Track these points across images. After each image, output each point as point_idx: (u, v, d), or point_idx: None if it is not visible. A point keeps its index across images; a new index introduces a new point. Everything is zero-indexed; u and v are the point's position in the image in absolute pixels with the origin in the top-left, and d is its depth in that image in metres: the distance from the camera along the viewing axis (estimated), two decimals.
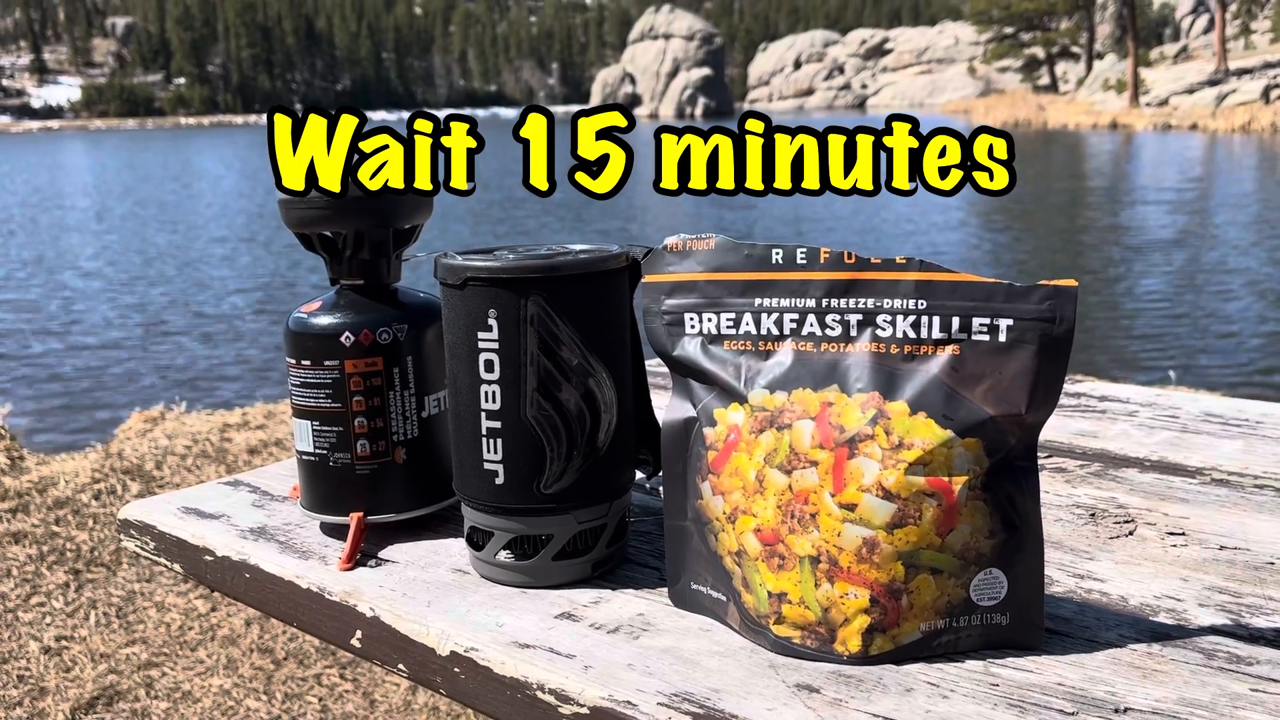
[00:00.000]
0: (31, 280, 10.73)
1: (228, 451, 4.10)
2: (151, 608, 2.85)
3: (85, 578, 3.04)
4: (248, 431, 4.35)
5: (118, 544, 3.26)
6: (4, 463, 3.85)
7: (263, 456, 4.05)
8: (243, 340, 7.69)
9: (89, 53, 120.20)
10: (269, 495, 0.95)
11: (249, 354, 7.25)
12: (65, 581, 3.00)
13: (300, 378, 0.82)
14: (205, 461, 3.99)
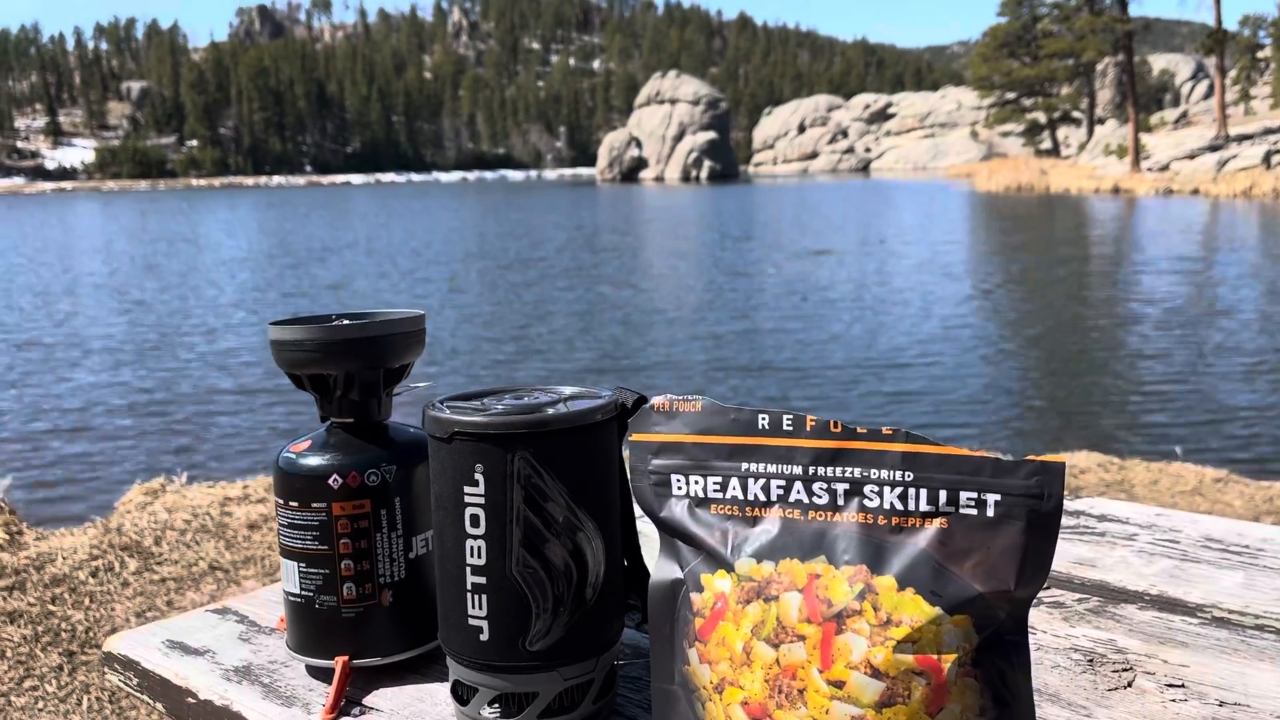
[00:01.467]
0: (32, 348, 10.79)
1: (227, 526, 4.08)
2: None
3: (79, 660, 3.00)
4: (248, 505, 4.33)
5: (112, 624, 3.23)
6: (3, 538, 3.83)
7: (262, 532, 4.03)
8: (245, 412, 7.69)
9: (104, 115, 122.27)
10: (256, 626, 0.94)
11: (251, 425, 7.25)
12: (59, 664, 2.97)
13: (288, 519, 0.81)
14: (205, 537, 3.97)
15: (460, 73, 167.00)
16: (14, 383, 8.78)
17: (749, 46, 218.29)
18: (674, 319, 11.67)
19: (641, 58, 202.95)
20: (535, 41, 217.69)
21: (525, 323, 11.42)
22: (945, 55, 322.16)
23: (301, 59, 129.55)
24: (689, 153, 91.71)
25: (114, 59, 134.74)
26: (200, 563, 3.70)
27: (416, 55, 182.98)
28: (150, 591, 3.47)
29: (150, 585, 3.51)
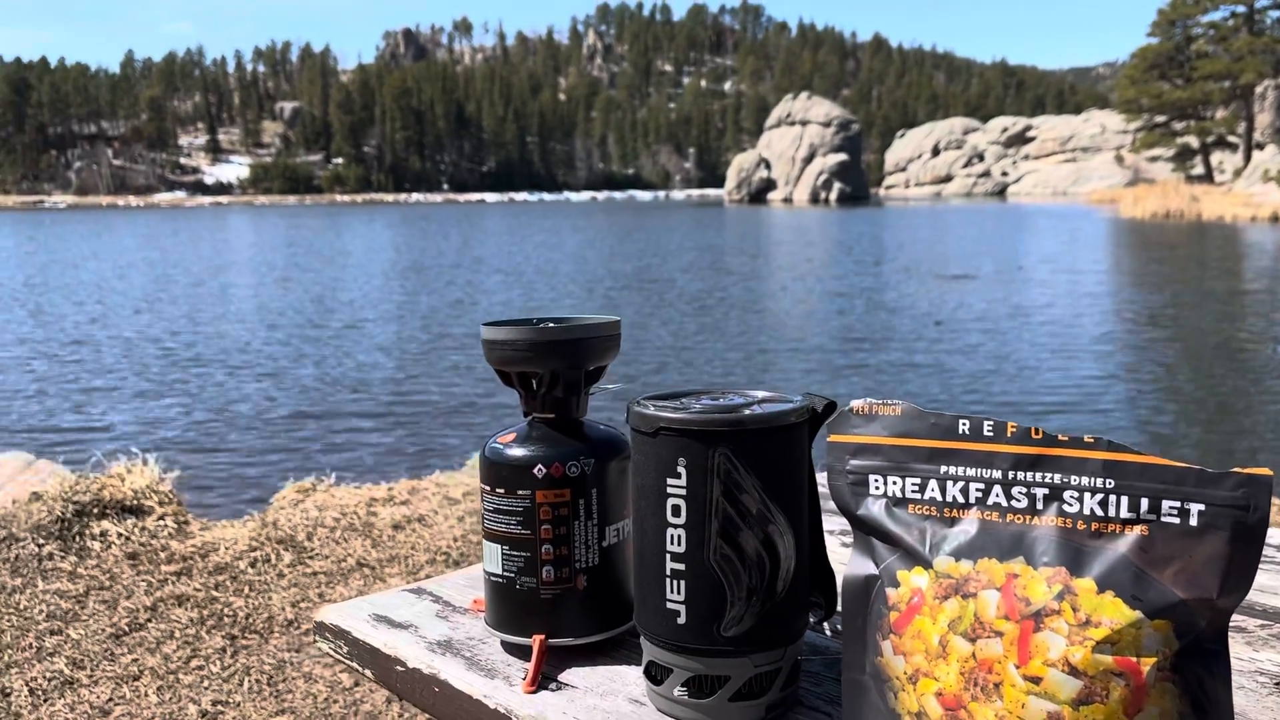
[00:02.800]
0: (198, 346, 11.47)
1: (373, 526, 4.26)
2: (300, 678, 2.97)
3: (240, 644, 3.19)
4: (393, 507, 4.51)
5: (269, 612, 3.42)
6: (172, 527, 4.10)
7: (405, 532, 4.19)
8: (389, 418, 8.00)
9: (259, 134, 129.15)
10: (451, 606, 1.01)
11: (393, 430, 7.54)
12: (222, 646, 3.16)
13: (494, 504, 0.88)
14: (352, 535, 4.16)
15: (593, 94, 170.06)
16: (180, 382, 9.36)
17: (883, 68, 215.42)
18: (802, 342, 11.60)
19: (773, 79, 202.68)
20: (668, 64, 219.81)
21: (656, 342, 11.53)
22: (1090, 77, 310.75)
23: (442, 80, 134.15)
24: (819, 174, 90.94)
25: (270, 80, 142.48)
26: (349, 559, 3.88)
27: (552, 77, 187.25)
28: (303, 583, 3.65)
29: (303, 577, 3.70)
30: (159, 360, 10.60)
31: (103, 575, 3.66)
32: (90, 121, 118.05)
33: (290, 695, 2.87)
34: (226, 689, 2.90)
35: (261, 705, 2.81)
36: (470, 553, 3.96)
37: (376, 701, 2.82)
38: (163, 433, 7.39)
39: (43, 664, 3.00)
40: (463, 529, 4.22)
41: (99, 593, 3.51)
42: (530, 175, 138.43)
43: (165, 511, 4.23)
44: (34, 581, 3.57)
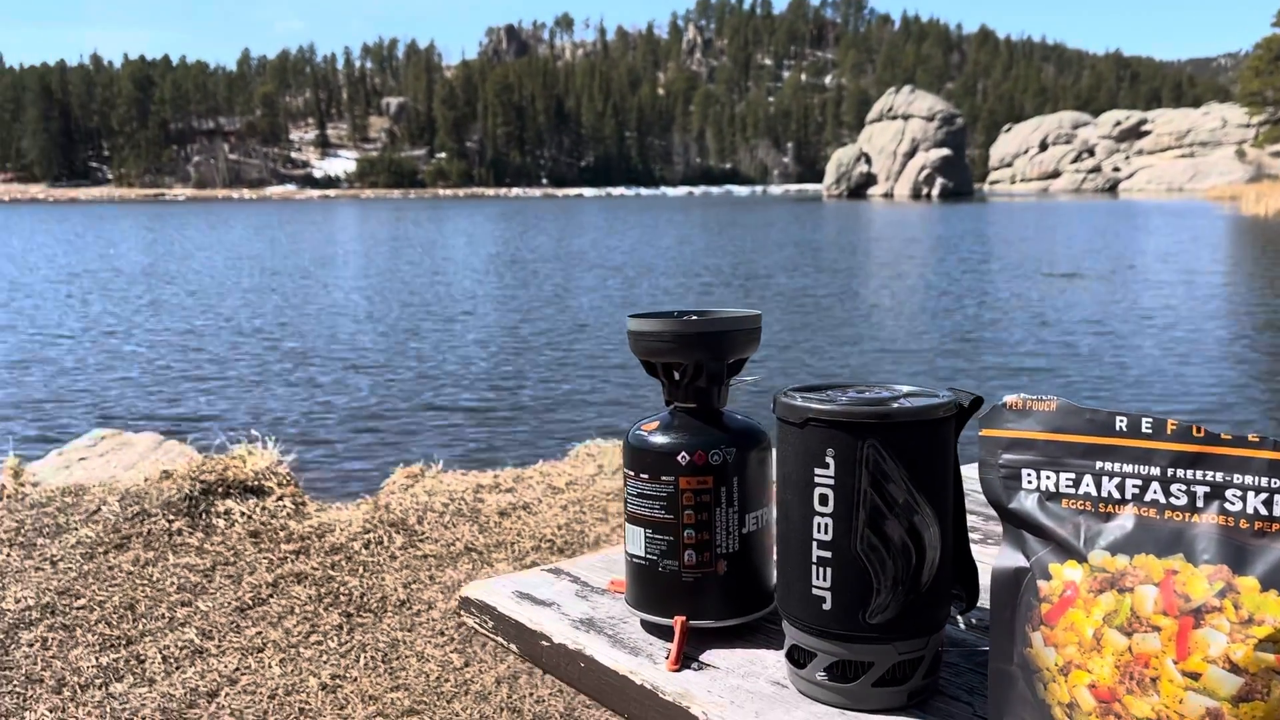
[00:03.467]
0: (307, 336, 11.88)
1: (480, 512, 4.36)
2: (412, 656, 3.07)
3: (356, 621, 3.31)
4: (498, 494, 4.61)
5: (382, 592, 3.54)
6: (290, 508, 4.27)
7: (511, 519, 4.29)
8: (489, 407, 8.16)
9: (365, 129, 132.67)
10: (589, 586, 1.04)
11: (494, 418, 7.69)
12: (339, 623, 3.29)
13: (638, 489, 0.91)
14: (460, 520, 4.27)
15: (692, 89, 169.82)
16: (289, 370, 9.71)
17: (989, 60, 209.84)
18: (907, 342, 11.42)
19: (875, 73, 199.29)
20: (767, 57, 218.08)
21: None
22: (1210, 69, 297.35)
23: (543, 76, 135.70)
24: (920, 169, 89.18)
25: (377, 77, 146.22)
26: (457, 543, 3.98)
27: (651, 72, 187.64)
28: (414, 565, 3.77)
29: (414, 560, 3.82)
30: (270, 349, 11.01)
31: (227, 551, 3.83)
32: (208, 117, 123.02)
33: (404, 672, 2.97)
34: (344, 664, 3.01)
35: (377, 681, 2.91)
36: (574, 540, 4.03)
37: (486, 682, 2.90)
38: (276, 418, 7.68)
39: (174, 633, 3.17)
40: (566, 517, 4.29)
41: (224, 568, 3.68)
42: (627, 170, 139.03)
43: (284, 493, 4.41)
44: (165, 555, 3.76)
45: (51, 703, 2.72)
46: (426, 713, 2.75)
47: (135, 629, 3.19)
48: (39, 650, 3.02)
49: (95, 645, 3.07)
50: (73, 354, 10.73)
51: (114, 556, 3.73)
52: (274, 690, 2.84)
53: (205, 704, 2.75)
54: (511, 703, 2.79)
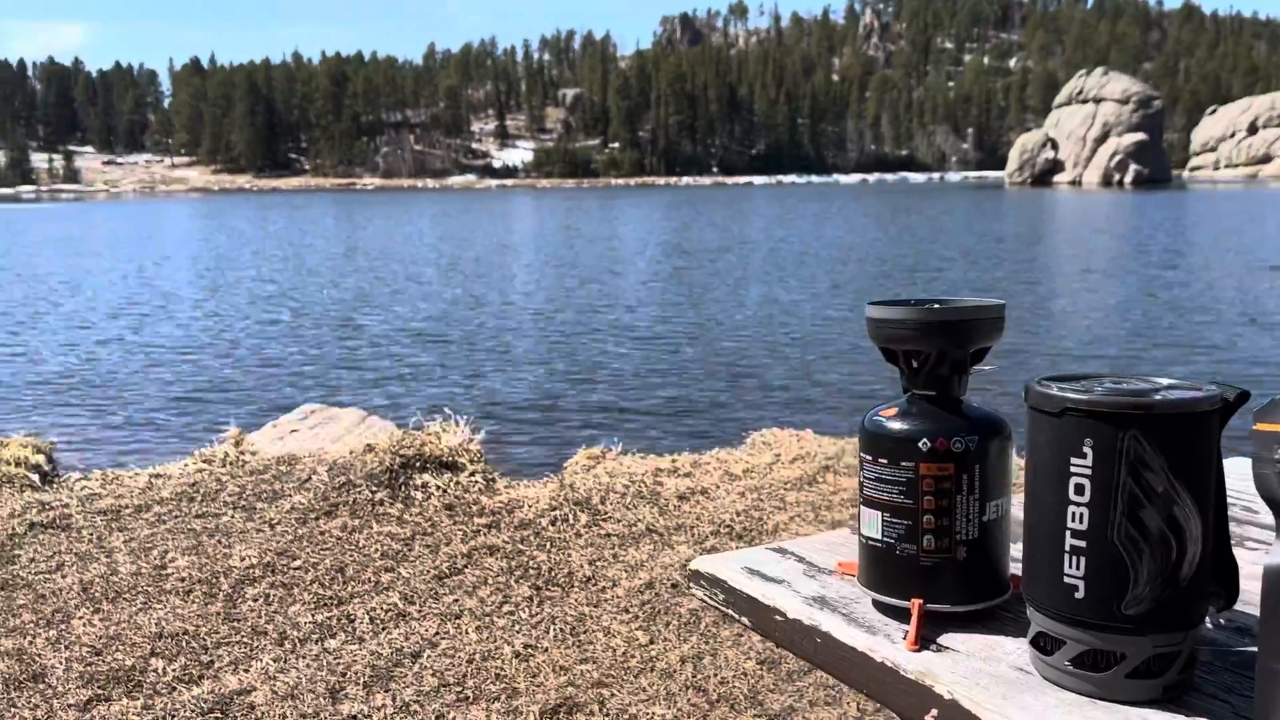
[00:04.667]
0: (488, 320, 12.34)
1: (660, 495, 4.45)
2: (599, 631, 3.18)
3: (544, 595, 3.45)
4: (677, 478, 4.69)
5: (569, 567, 3.67)
6: (481, 484, 4.47)
7: (690, 503, 4.35)
8: (667, 390, 8.28)
9: (542, 120, 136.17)
10: (815, 566, 1.07)
11: (676, 403, 7.80)
12: (529, 595, 3.43)
13: (875, 473, 0.93)
14: (640, 502, 4.37)
15: (868, 74, 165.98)
16: (473, 351, 10.13)
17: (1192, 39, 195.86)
18: (1101, 339, 10.86)
19: (1064, 54, 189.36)
20: (948, 41, 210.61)
21: None
22: None
23: (716, 64, 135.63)
24: (1112, 155, 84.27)
25: (554, 68, 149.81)
26: (639, 524, 4.08)
27: (825, 58, 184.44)
28: (598, 544, 3.88)
29: (598, 538, 3.93)
30: (458, 334, 11.50)
31: (425, 522, 4.06)
32: (396, 110, 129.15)
33: (591, 646, 3.08)
34: (535, 634, 3.15)
35: (566, 652, 3.03)
36: (753, 528, 4.05)
37: (671, 660, 2.97)
38: (465, 398, 8.03)
39: (380, 596, 3.39)
40: (744, 504, 4.32)
41: (423, 538, 3.90)
42: (799, 158, 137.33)
43: (475, 469, 4.62)
44: (369, 523, 4.02)
45: (275, 654, 2.96)
46: (614, 686, 2.84)
47: (345, 590, 3.43)
48: (262, 605, 3.29)
49: (310, 603, 3.32)
50: (288, 333, 11.54)
51: (324, 522, 4.01)
52: (471, 655, 3.00)
53: (409, 664, 2.94)
54: (696, 681, 2.85)
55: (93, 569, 3.50)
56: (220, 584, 3.41)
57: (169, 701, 2.64)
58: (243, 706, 2.64)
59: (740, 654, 3.03)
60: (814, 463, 4.94)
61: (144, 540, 3.78)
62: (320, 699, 2.69)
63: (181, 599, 3.29)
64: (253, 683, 2.77)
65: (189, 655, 2.91)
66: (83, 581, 3.39)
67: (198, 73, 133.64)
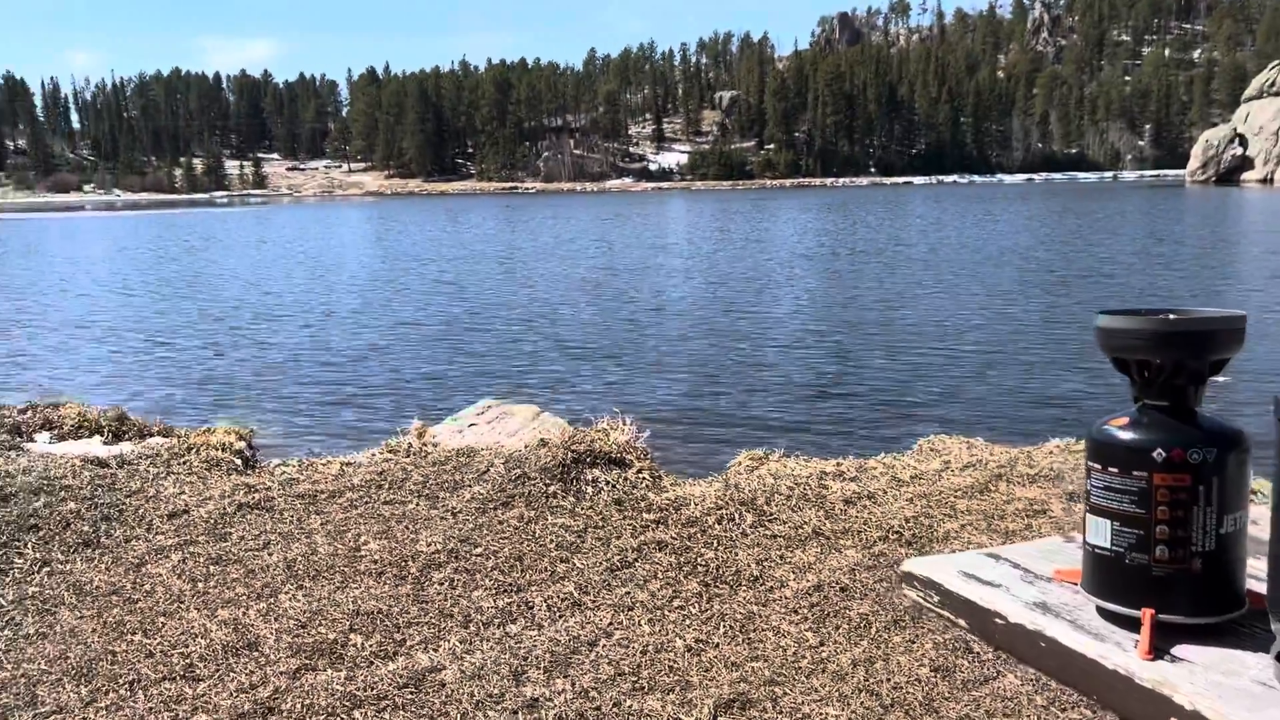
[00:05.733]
0: (647, 321, 12.50)
1: (825, 498, 4.43)
2: (769, 630, 3.20)
3: (713, 591, 3.50)
4: (842, 482, 4.66)
5: (736, 566, 3.71)
6: (649, 480, 4.56)
7: (857, 507, 4.32)
8: (826, 393, 8.21)
9: (698, 123, 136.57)
10: (1031, 572, 1.08)
11: (835, 407, 7.73)
12: (699, 591, 3.49)
13: (1104, 482, 0.94)
14: (805, 504, 4.36)
15: (1036, 70, 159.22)
16: (632, 350, 10.30)
17: None
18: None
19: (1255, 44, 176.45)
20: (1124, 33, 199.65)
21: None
22: None
23: (875, 63, 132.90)
24: None
25: (711, 71, 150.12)
26: (804, 526, 4.08)
27: (991, 54, 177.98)
28: (764, 544, 3.91)
29: (764, 539, 3.96)
30: (617, 331, 11.71)
31: (596, 516, 4.18)
32: (557, 115, 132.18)
33: (761, 645, 3.11)
34: (705, 630, 3.20)
35: (737, 649, 3.07)
36: (922, 535, 3.99)
37: (842, 663, 2.97)
38: (630, 396, 8.18)
39: (556, 585, 3.51)
40: (913, 510, 4.25)
41: (594, 531, 4.01)
42: (961, 157, 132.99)
43: (642, 466, 4.72)
44: (544, 515, 4.17)
45: (461, 635, 3.12)
46: (786, 685, 2.86)
47: (523, 578, 3.57)
48: (447, 589, 3.47)
49: (492, 589, 3.48)
50: (467, 330, 12.03)
51: (502, 513, 4.19)
52: (644, 646, 3.08)
53: (587, 651, 3.04)
54: (869, 685, 2.84)
55: (295, 548, 3.76)
56: (409, 567, 3.61)
57: (368, 675, 2.82)
58: (434, 684, 2.79)
59: (913, 660, 2.99)
60: (985, 471, 4.82)
61: (339, 523, 4.04)
62: (504, 680, 2.83)
63: (374, 580, 3.51)
64: (442, 661, 2.93)
65: (383, 632, 3.10)
66: (286, 559, 3.65)
67: (373, 82, 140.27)
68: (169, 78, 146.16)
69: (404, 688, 2.76)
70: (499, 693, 2.76)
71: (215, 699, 2.64)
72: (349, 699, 2.67)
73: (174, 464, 4.83)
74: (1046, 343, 10.43)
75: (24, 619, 3.15)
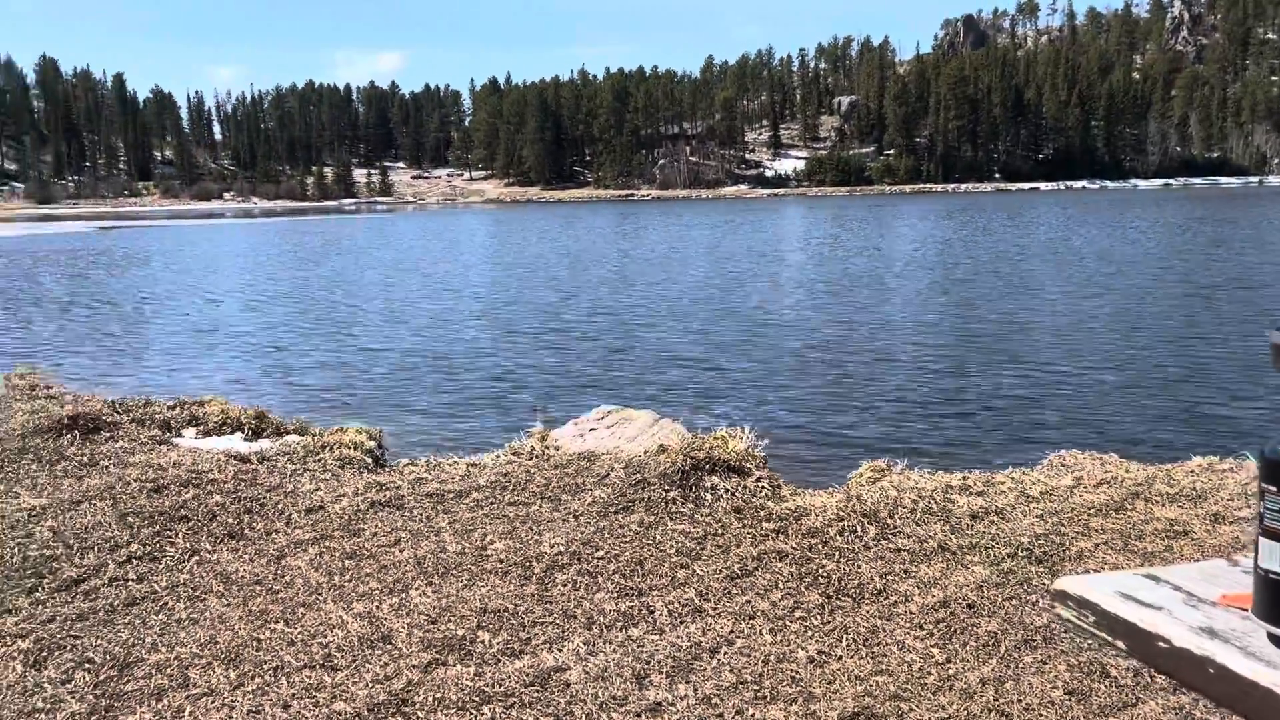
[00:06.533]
0: (765, 327, 12.44)
1: (950, 512, 4.33)
2: (893, 645, 3.15)
3: (835, 604, 3.46)
4: (968, 496, 4.54)
5: (858, 579, 3.66)
6: (768, 490, 4.54)
7: (984, 523, 4.21)
8: (955, 403, 8.02)
9: (816, 128, 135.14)
10: (1194, 596, 1.04)
11: (964, 419, 7.55)
12: (820, 603, 3.46)
13: (1278, 505, 0.90)
14: (930, 518, 4.28)
15: (1174, 71, 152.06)
16: (750, 355, 10.26)
17: None
18: None
19: None
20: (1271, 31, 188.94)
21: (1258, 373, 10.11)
22: None
23: (1001, 66, 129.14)
24: None
25: (829, 76, 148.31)
26: (929, 541, 4.00)
27: (1125, 55, 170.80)
28: (888, 557, 3.85)
29: (888, 552, 3.90)
30: (733, 338, 11.69)
31: (715, 523, 4.18)
32: (673, 123, 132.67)
33: (886, 659, 3.06)
34: (828, 642, 3.17)
35: (860, 663, 3.03)
36: (1053, 552, 3.86)
37: (970, 680, 2.91)
38: (745, 404, 8.16)
39: (676, 591, 3.53)
40: (1044, 527, 4.13)
41: (714, 538, 4.02)
42: (1091, 162, 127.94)
43: (761, 475, 4.70)
44: (664, 520, 4.19)
45: (585, 636, 3.17)
46: (912, 700, 2.81)
47: (644, 583, 3.60)
48: (571, 590, 3.52)
49: (614, 592, 3.52)
50: (584, 336, 12.21)
51: (622, 517, 4.23)
52: (766, 656, 3.07)
53: (708, 658, 3.05)
54: (999, 705, 2.77)
55: (424, 545, 3.88)
56: (533, 568, 3.69)
57: (496, 671, 2.89)
58: (559, 683, 2.84)
59: (1045, 682, 2.91)
60: (1121, 489, 4.63)
61: (465, 523, 4.14)
62: (628, 683, 2.86)
63: (500, 579, 3.59)
64: (566, 661, 2.98)
65: (510, 631, 3.17)
66: (416, 556, 3.77)
67: (495, 92, 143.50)
68: (303, 90, 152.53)
69: (530, 686, 2.82)
70: (622, 695, 2.79)
71: (352, 688, 2.75)
72: (478, 694, 2.75)
73: (310, 461, 5.04)
74: (1185, 358, 9.96)
75: (176, 604, 3.33)
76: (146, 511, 4.18)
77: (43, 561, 3.67)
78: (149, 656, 2.93)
